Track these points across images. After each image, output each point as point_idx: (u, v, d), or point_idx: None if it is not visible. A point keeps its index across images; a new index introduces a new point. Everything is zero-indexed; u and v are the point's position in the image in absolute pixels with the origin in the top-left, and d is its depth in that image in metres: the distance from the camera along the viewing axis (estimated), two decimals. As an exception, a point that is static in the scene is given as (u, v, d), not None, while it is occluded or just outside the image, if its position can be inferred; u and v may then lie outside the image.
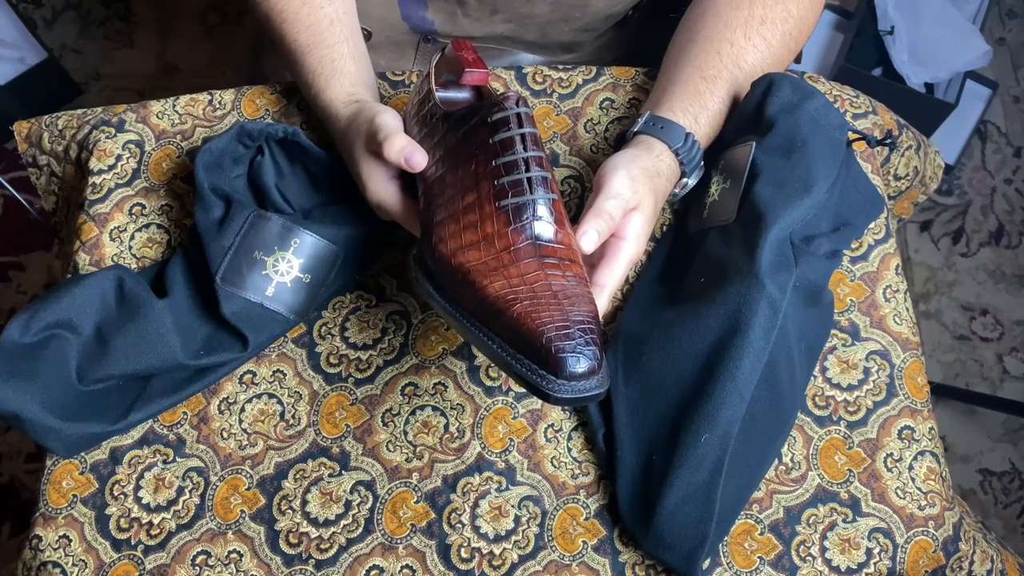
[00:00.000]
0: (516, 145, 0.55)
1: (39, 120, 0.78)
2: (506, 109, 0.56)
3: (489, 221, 0.55)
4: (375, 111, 0.63)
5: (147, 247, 0.71)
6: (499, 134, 0.56)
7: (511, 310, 0.51)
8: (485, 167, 0.56)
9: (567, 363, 0.48)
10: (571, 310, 0.51)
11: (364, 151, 0.63)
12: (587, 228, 0.56)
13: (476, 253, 0.55)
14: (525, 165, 0.55)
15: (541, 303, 0.51)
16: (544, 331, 0.49)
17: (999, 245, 1.57)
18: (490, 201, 0.56)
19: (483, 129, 0.57)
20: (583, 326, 0.50)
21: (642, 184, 0.61)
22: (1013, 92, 1.68)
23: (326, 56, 0.69)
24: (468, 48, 0.63)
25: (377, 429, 0.65)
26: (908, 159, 0.79)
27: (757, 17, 0.68)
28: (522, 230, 0.54)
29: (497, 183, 0.55)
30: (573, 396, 0.49)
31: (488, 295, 0.53)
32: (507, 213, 0.55)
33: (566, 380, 0.49)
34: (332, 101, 0.68)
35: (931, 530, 0.62)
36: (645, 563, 0.61)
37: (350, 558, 0.62)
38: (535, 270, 0.53)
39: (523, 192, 0.55)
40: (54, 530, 0.63)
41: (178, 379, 0.65)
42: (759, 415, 0.60)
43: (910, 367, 0.66)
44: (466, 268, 0.55)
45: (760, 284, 0.58)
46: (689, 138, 0.65)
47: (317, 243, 0.65)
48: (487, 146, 0.56)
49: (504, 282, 0.53)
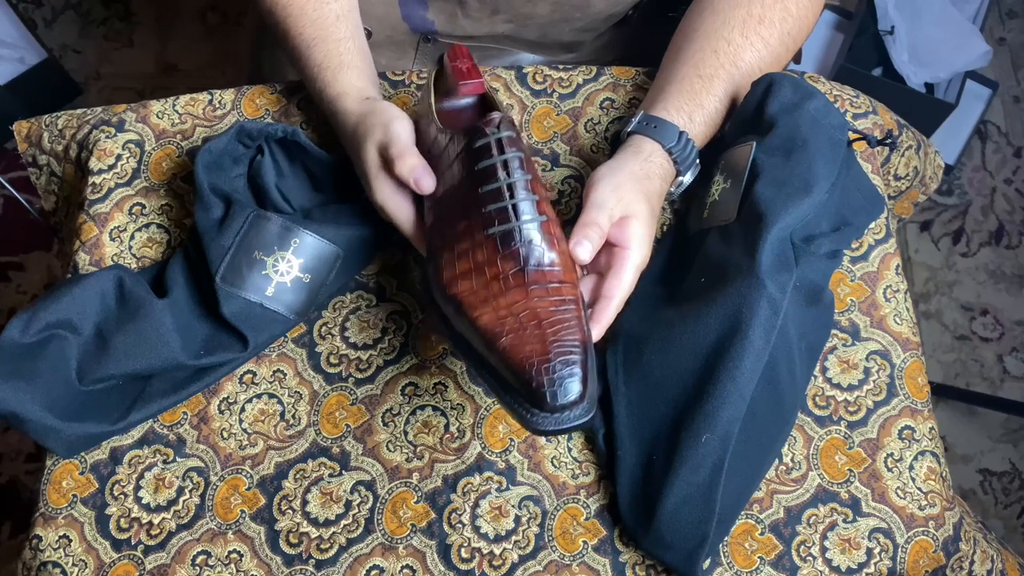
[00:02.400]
0: (498, 172, 0.55)
1: (39, 120, 0.78)
2: (487, 135, 0.55)
3: (480, 250, 0.55)
4: (389, 116, 0.62)
5: (147, 247, 0.71)
6: (481, 162, 0.55)
7: (499, 343, 0.52)
8: (473, 194, 0.56)
9: (547, 397, 0.50)
10: (554, 341, 0.51)
11: (375, 156, 0.62)
12: (578, 239, 0.57)
13: (468, 284, 0.55)
14: (509, 192, 0.54)
15: (525, 335, 0.52)
16: (526, 366, 0.51)
17: (999, 245, 1.57)
18: (480, 229, 0.55)
19: (468, 156, 0.56)
20: (564, 357, 0.51)
21: (628, 190, 0.60)
22: (1013, 92, 1.68)
23: (333, 50, 0.68)
24: (464, 56, 0.62)
25: (377, 429, 0.65)
26: (908, 159, 0.79)
27: (755, 16, 0.68)
28: (511, 257, 0.54)
29: (484, 211, 0.55)
30: (557, 428, 0.51)
31: (479, 327, 0.54)
32: (495, 241, 0.55)
33: (549, 413, 0.51)
34: (340, 95, 0.67)
35: (931, 530, 0.62)
36: (645, 563, 0.61)
37: (350, 558, 0.62)
38: (522, 299, 0.54)
39: (508, 220, 0.54)
40: (54, 530, 0.63)
41: (178, 379, 0.65)
42: (759, 415, 0.60)
43: (910, 367, 0.66)
44: (460, 298, 0.55)
45: (760, 284, 0.58)
46: (683, 137, 0.65)
47: (317, 243, 0.65)
48: (473, 173, 0.56)
49: (493, 315, 0.54)
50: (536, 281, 0.54)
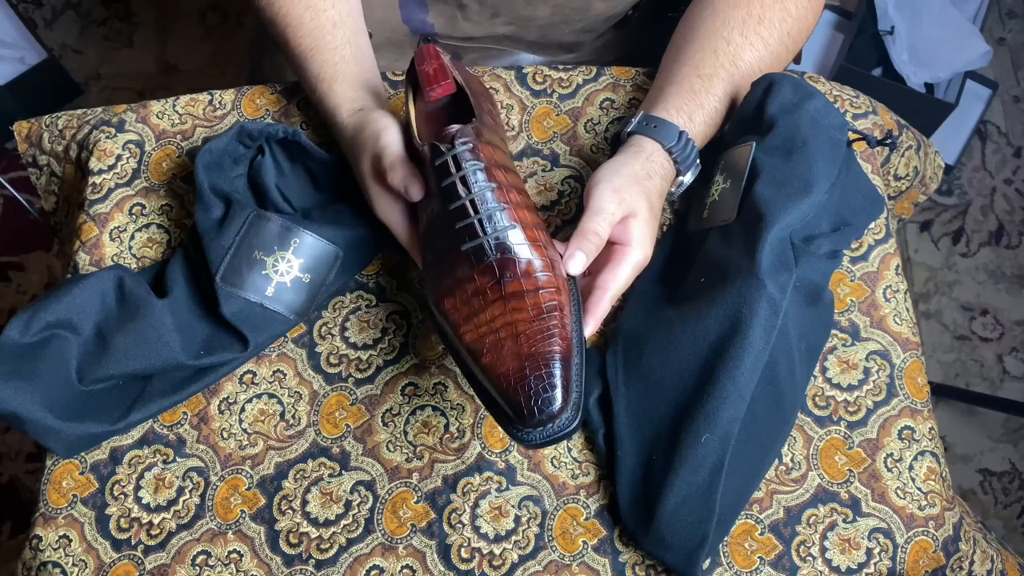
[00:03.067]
0: (458, 189, 0.54)
1: (39, 120, 0.78)
2: (443, 152, 0.55)
3: (460, 265, 0.55)
4: (379, 127, 0.62)
5: (147, 247, 0.72)
6: (444, 180, 0.55)
7: (481, 360, 0.53)
8: (443, 210, 0.56)
9: (527, 413, 0.51)
10: (528, 355, 0.52)
11: (370, 169, 0.63)
12: (572, 251, 0.57)
13: (452, 301, 0.55)
14: (472, 207, 0.54)
15: (503, 352, 0.53)
16: (503, 384, 0.52)
17: (999, 245, 1.57)
18: (456, 245, 0.55)
19: (435, 174, 0.56)
20: (539, 372, 0.51)
21: (629, 191, 0.61)
22: (1013, 92, 1.68)
23: (328, 60, 0.69)
24: (431, 56, 0.59)
25: (377, 429, 0.65)
26: (908, 159, 0.79)
27: (755, 16, 0.68)
28: (486, 271, 0.54)
29: (456, 227, 0.55)
30: (543, 439, 0.52)
31: (464, 344, 0.54)
32: (470, 256, 0.55)
33: (533, 426, 0.52)
34: (336, 108, 0.67)
35: (931, 530, 0.62)
36: (645, 563, 0.61)
37: (350, 558, 0.62)
38: (500, 314, 0.54)
39: (476, 235, 0.54)
40: (54, 530, 0.63)
41: (178, 379, 0.65)
42: (759, 415, 0.60)
43: (910, 367, 0.66)
44: (448, 316, 0.56)
45: (760, 284, 0.58)
46: (683, 136, 0.65)
47: (317, 243, 0.65)
48: (441, 191, 0.56)
49: (475, 332, 0.54)
50: (514, 293, 0.54)
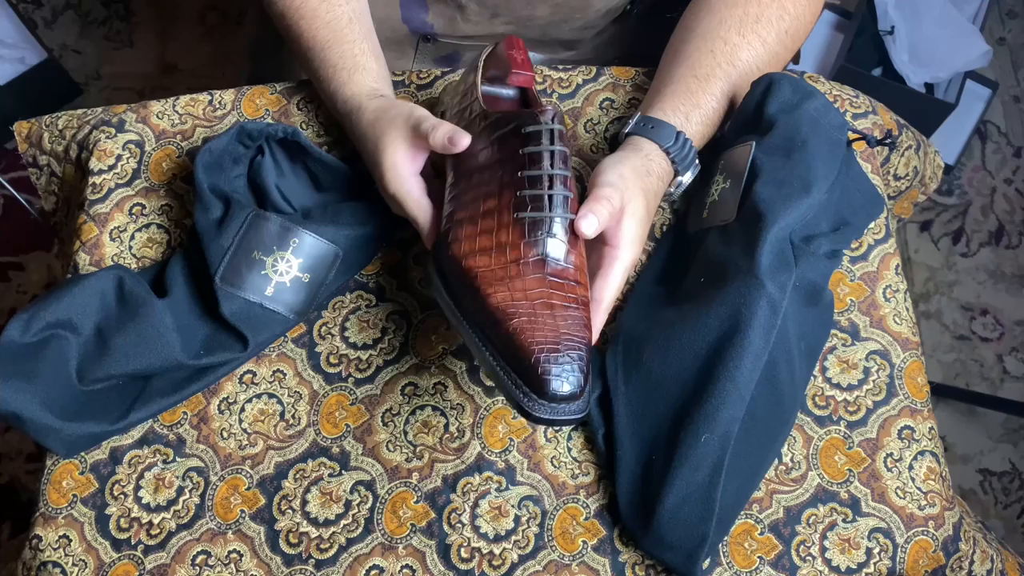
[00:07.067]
0: (543, 160, 0.56)
1: (39, 120, 0.78)
2: (540, 123, 0.56)
3: (504, 230, 0.56)
4: (409, 106, 0.64)
5: (147, 247, 0.72)
6: (529, 146, 0.56)
7: (509, 323, 0.52)
8: (511, 176, 0.57)
9: (551, 384, 0.50)
10: (565, 333, 0.52)
11: (395, 141, 0.63)
12: (585, 212, 0.56)
13: (486, 259, 0.55)
14: (549, 182, 0.55)
15: (538, 322, 0.52)
16: (535, 350, 0.51)
17: (999, 245, 1.57)
18: (509, 210, 0.56)
19: (515, 138, 0.57)
20: (573, 351, 0.51)
21: (631, 183, 0.61)
22: (1013, 92, 1.68)
23: (347, 51, 0.69)
24: (519, 47, 0.63)
25: (377, 429, 0.65)
26: (908, 159, 0.79)
27: (752, 15, 0.68)
28: (534, 244, 0.55)
29: (519, 194, 0.56)
30: (552, 417, 0.51)
31: (490, 304, 0.54)
32: (523, 226, 0.55)
33: (547, 401, 0.50)
34: (355, 95, 0.68)
35: (931, 530, 0.62)
36: (645, 563, 0.61)
37: (350, 558, 0.62)
38: (538, 287, 0.54)
39: (542, 208, 0.55)
40: (54, 530, 0.63)
41: (178, 379, 0.65)
42: (759, 415, 0.60)
43: (910, 367, 0.66)
44: (474, 273, 0.55)
45: (760, 284, 0.58)
46: (680, 137, 0.65)
47: (316, 243, 0.65)
48: (516, 156, 0.57)
49: (507, 294, 0.54)
50: (555, 274, 0.55)
